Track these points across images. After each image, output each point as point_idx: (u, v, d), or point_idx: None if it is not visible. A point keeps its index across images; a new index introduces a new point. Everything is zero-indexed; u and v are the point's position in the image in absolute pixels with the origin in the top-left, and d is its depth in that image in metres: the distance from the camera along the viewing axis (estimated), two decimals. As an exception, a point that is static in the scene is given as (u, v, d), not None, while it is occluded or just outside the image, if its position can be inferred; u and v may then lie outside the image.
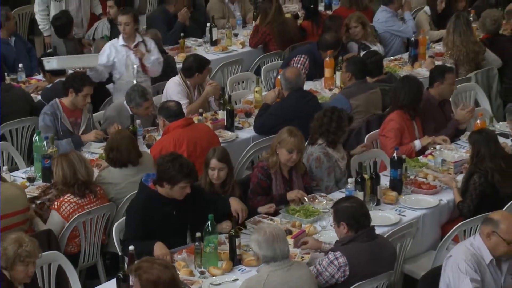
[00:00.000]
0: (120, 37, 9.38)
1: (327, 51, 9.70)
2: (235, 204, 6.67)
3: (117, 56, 9.28)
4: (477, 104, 9.45)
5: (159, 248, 6.32)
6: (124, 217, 6.77)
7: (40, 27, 11.09)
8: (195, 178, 6.70)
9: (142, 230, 6.46)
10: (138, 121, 8.29)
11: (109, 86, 9.47)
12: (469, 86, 9.50)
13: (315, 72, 9.79)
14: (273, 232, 5.79)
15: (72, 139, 8.03)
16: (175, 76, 9.21)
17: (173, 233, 6.56)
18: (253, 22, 11.21)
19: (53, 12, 10.85)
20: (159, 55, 9.54)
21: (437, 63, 9.97)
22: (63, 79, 9.01)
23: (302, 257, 6.35)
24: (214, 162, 6.93)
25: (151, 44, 9.52)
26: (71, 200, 6.94)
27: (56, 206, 6.92)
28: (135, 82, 8.72)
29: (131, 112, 8.46)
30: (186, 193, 6.51)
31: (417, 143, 8.12)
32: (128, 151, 7.30)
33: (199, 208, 6.67)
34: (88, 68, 9.22)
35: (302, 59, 9.74)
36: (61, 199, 6.93)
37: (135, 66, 9.23)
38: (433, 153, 8.02)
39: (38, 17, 11.05)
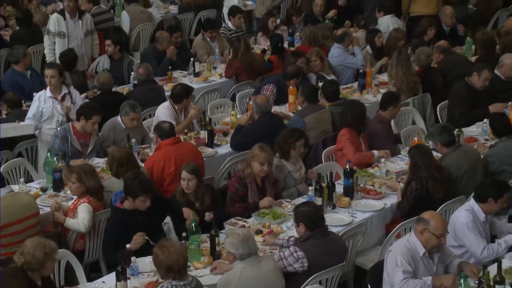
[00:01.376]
0: (48, 88, 8.91)
1: (290, 80, 9.72)
2: (187, 211, 6.71)
3: (45, 106, 8.82)
4: (414, 124, 9.50)
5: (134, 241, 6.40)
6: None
7: (46, 58, 11.05)
8: (153, 193, 6.72)
9: (119, 242, 6.44)
10: (133, 140, 8.27)
11: (36, 133, 8.89)
12: (408, 109, 9.56)
13: (281, 98, 9.79)
14: (245, 233, 5.88)
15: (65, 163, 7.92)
16: (163, 102, 9.17)
17: (150, 233, 6.52)
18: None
19: (57, 47, 10.80)
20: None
21: (381, 90, 10.05)
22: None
23: (271, 252, 6.38)
24: (184, 174, 7.00)
25: (76, 95, 9.10)
26: (92, 201, 6.94)
27: (85, 201, 6.89)
28: (58, 129, 8.43)
29: (123, 126, 8.44)
30: (147, 205, 6.59)
31: (376, 152, 8.16)
32: (133, 167, 7.34)
33: (163, 210, 6.76)
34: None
35: (270, 87, 9.75)
36: (86, 197, 6.92)
37: (59, 118, 8.78)
38: (378, 165, 8.06)
39: (46, 51, 11.02)
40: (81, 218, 6.80)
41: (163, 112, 8.92)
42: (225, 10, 13.68)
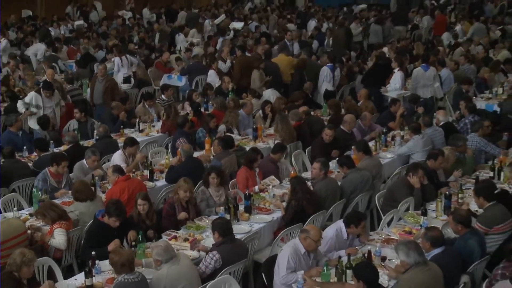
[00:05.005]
0: None
1: (205, 134, 9.84)
2: (131, 235, 6.54)
3: None
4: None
5: (112, 245, 6.29)
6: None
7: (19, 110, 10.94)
8: (124, 217, 6.62)
9: (94, 243, 6.39)
10: (96, 177, 8.16)
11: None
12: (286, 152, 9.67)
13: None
14: (164, 243, 5.89)
15: (49, 196, 7.77)
16: (117, 151, 9.06)
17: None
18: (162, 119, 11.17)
19: (34, 116, 10.74)
20: None
21: (270, 141, 10.09)
22: (46, 153, 8.95)
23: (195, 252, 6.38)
24: (139, 201, 6.94)
25: None
26: (63, 224, 6.75)
27: (57, 226, 6.71)
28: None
29: (87, 167, 8.34)
30: (117, 225, 6.50)
31: (256, 187, 8.17)
32: (86, 193, 7.29)
33: (127, 230, 6.63)
34: None
35: (181, 139, 9.59)
36: (57, 223, 6.74)
37: None
38: (267, 190, 8.12)
39: (18, 105, 10.94)
40: (60, 240, 6.64)
41: (118, 157, 8.82)
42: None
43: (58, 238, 6.65)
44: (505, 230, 6.62)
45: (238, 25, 21.65)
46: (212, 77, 13.93)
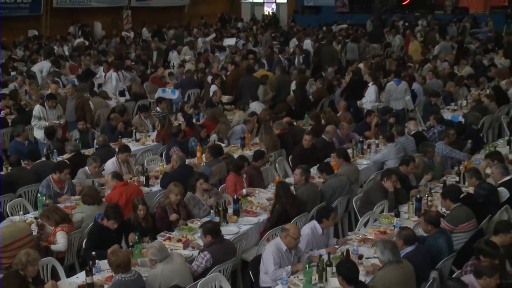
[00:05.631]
0: None
1: (197, 143, 9.76)
2: (131, 237, 6.51)
3: None
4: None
5: (111, 249, 6.17)
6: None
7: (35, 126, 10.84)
8: (121, 220, 6.56)
9: (94, 244, 6.32)
10: (96, 183, 8.10)
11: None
12: (271, 159, 9.67)
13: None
14: (159, 244, 5.86)
15: (53, 201, 7.72)
16: (112, 158, 9.02)
17: (114, 243, 6.36)
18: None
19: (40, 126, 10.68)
20: None
21: (257, 149, 9.94)
22: (38, 161, 9.02)
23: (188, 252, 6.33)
24: (140, 207, 6.89)
25: None
26: (65, 227, 6.71)
27: (59, 229, 6.68)
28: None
29: (89, 172, 8.34)
30: (115, 227, 6.45)
31: (244, 191, 8.16)
32: (94, 197, 7.27)
33: (125, 231, 6.59)
34: None
35: (175, 148, 9.55)
36: (59, 226, 6.70)
37: None
38: (254, 194, 8.10)
39: (33, 123, 10.81)
40: (61, 243, 6.62)
41: (110, 165, 8.80)
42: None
43: (59, 241, 6.63)
44: (469, 229, 6.67)
45: (231, 41, 21.99)
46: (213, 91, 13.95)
